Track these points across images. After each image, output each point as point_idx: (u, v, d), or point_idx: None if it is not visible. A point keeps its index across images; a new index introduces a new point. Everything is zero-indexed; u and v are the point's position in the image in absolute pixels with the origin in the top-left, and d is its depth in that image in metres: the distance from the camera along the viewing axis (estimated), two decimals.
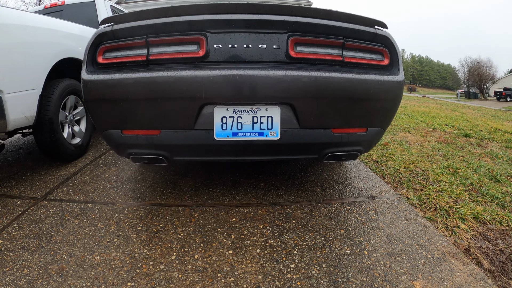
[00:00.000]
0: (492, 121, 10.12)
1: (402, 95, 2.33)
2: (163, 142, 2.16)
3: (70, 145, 3.71)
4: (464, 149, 5.07)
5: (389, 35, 2.21)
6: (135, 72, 2.01)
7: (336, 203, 2.75)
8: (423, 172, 3.66)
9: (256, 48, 2.05)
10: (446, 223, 2.54)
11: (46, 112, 3.28)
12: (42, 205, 2.69)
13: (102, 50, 2.11)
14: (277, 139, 2.11)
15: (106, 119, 2.20)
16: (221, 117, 2.07)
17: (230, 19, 2.01)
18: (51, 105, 3.33)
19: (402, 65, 2.30)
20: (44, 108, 3.27)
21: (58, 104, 3.45)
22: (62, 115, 3.59)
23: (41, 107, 3.24)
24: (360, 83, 2.08)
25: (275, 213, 2.55)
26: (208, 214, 2.54)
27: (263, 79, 1.97)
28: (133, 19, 2.04)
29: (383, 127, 2.39)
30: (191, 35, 2.04)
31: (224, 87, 1.97)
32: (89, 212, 2.57)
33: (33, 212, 2.58)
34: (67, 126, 3.76)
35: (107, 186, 3.07)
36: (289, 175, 3.38)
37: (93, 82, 2.05)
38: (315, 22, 2.06)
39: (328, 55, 2.12)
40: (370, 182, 3.27)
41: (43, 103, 3.26)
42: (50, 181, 3.22)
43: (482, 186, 3.32)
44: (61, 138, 3.50)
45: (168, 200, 2.78)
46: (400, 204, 2.79)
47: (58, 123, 3.45)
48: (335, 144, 2.26)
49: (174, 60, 2.06)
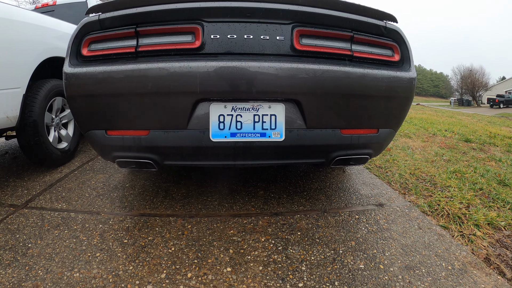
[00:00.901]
0: (489, 127, 10.14)
1: (414, 93, 2.17)
2: (152, 144, 1.95)
3: (56, 150, 3.52)
4: (467, 154, 5.02)
5: (399, 30, 2.07)
6: (121, 64, 1.82)
7: (343, 212, 2.55)
8: (430, 178, 3.53)
9: (257, 39, 1.86)
10: (461, 230, 2.41)
11: (30, 113, 3.10)
12: (21, 214, 2.51)
13: (88, 41, 1.92)
14: (281, 140, 1.91)
15: (89, 118, 2.00)
16: (218, 115, 1.87)
17: (229, 6, 1.83)
18: (36, 106, 3.16)
19: (413, 61, 2.16)
20: (28, 109, 3.10)
21: (43, 106, 3.28)
22: (48, 117, 3.42)
23: (25, 108, 3.07)
24: (372, 79, 1.92)
25: (278, 224, 2.33)
26: (202, 225, 2.32)
27: (265, 72, 1.77)
28: (122, 7, 1.85)
29: (395, 128, 2.22)
30: (185, 24, 1.85)
31: (221, 80, 1.76)
32: (71, 222, 2.37)
33: (11, 221, 2.40)
34: (53, 129, 3.58)
35: (93, 194, 2.87)
36: (290, 182, 3.17)
37: (75, 76, 1.85)
38: (322, 12, 1.89)
39: (336, 48, 1.95)
40: (377, 189, 3.09)
41: (27, 104, 3.09)
42: (33, 188, 3.02)
43: (492, 191, 3.22)
44: (46, 142, 3.31)
45: (159, 209, 2.56)
46: (412, 212, 2.61)
47: (43, 126, 3.27)
48: (344, 147, 2.08)
49: (166, 51, 1.86)
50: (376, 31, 2.02)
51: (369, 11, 1.98)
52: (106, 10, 1.87)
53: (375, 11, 1.99)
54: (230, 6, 1.82)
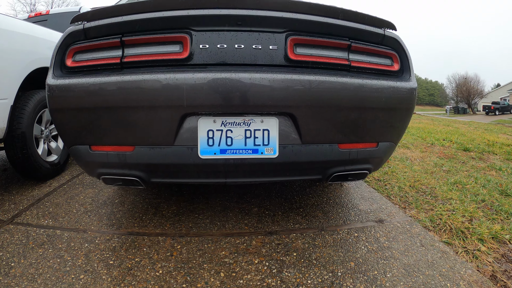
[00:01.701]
0: (487, 134, 10.11)
1: (415, 104, 2.07)
2: (137, 161, 1.85)
3: (45, 163, 3.42)
4: (467, 164, 4.98)
5: (399, 38, 1.98)
6: (105, 76, 1.72)
7: (341, 230, 2.43)
8: (431, 190, 3.44)
9: (249, 49, 1.76)
10: (465, 246, 2.32)
11: (18, 125, 3.01)
12: (6, 230, 2.41)
13: (72, 52, 1.84)
14: (274, 157, 1.79)
15: (72, 132, 1.90)
16: (206, 131, 1.76)
17: (219, 14, 1.73)
18: (25, 118, 3.07)
19: (413, 71, 2.07)
20: (16, 120, 3.01)
21: (32, 117, 3.19)
22: (37, 129, 3.32)
23: (12, 120, 2.97)
24: (371, 90, 1.82)
25: (272, 244, 2.20)
26: (193, 245, 2.19)
27: (257, 84, 1.67)
28: (107, 16, 1.77)
29: (395, 141, 2.12)
30: (172, 34, 1.76)
31: (210, 93, 1.65)
32: (57, 240, 2.26)
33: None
34: (43, 141, 3.49)
35: (81, 210, 2.76)
36: (285, 198, 3.04)
37: (58, 88, 1.76)
38: (318, 20, 1.80)
39: (332, 58, 1.85)
40: (376, 204, 2.98)
41: (15, 115, 3.00)
42: (20, 202, 2.92)
43: (494, 202, 3.16)
44: (34, 154, 3.22)
45: (148, 228, 2.44)
46: (413, 228, 2.51)
47: (32, 138, 3.18)
48: (342, 162, 1.97)
49: (152, 62, 1.77)
50: (375, 39, 1.93)
51: (367, 18, 1.89)
52: (91, 18, 1.79)
53: (374, 19, 1.91)
54: (219, 14, 1.73)
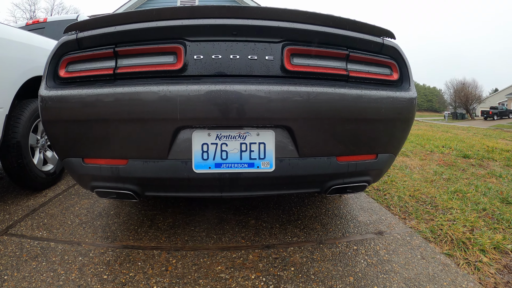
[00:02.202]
0: (486, 140, 10.09)
1: (415, 114, 2.04)
2: (131, 175, 1.81)
3: (41, 172, 3.40)
4: (467, 171, 4.96)
5: (398, 47, 1.96)
6: (97, 87, 1.69)
7: (340, 243, 2.38)
8: (431, 200, 3.40)
9: (245, 60, 1.73)
10: (467, 257, 2.27)
11: (13, 134, 3.00)
12: (0, 241, 2.38)
13: (65, 62, 1.81)
14: (271, 171, 1.75)
15: (65, 144, 1.87)
16: (201, 144, 1.72)
17: (214, 24, 1.71)
18: (20, 127, 3.05)
19: (413, 80, 2.03)
20: (11, 130, 2.99)
21: (28, 126, 3.18)
22: (32, 138, 3.30)
23: (8, 129, 2.96)
24: (370, 101, 1.78)
25: (269, 258, 2.15)
26: (188, 260, 2.14)
27: (253, 96, 1.63)
28: (100, 25, 1.74)
29: (395, 152, 2.08)
30: (166, 44, 1.73)
31: (204, 106, 1.62)
32: (50, 253, 2.22)
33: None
34: (38, 151, 3.46)
35: (75, 222, 2.72)
36: (283, 209, 2.99)
37: (50, 99, 1.73)
38: (315, 29, 1.77)
39: (330, 68, 1.82)
40: (376, 215, 2.94)
41: (10, 124, 2.98)
42: (15, 212, 2.89)
43: (495, 211, 3.13)
44: (30, 164, 3.20)
45: (142, 241, 2.40)
46: (413, 239, 2.46)
47: (27, 147, 3.17)
48: (340, 175, 1.92)
49: (145, 74, 1.74)
50: (373, 49, 1.91)
51: (366, 27, 1.87)
52: (84, 28, 1.76)
53: (372, 27, 1.88)
54: (214, 24, 1.71)
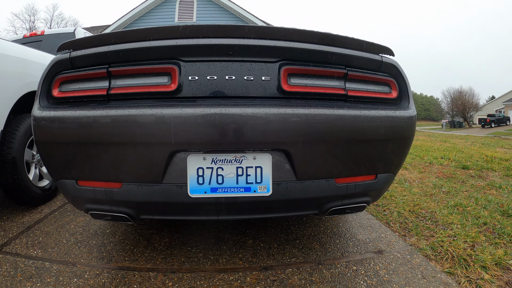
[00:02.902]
0: (484, 149, 10.09)
1: (414, 132, 2.01)
2: (125, 198, 1.78)
3: (36, 188, 3.37)
4: (466, 183, 4.94)
5: (397, 64, 1.93)
6: (90, 109, 1.67)
7: (339, 263, 2.34)
8: (431, 215, 3.37)
9: (241, 81, 1.71)
10: (468, 275, 2.25)
11: (9, 150, 2.99)
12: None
13: (59, 81, 1.79)
14: (268, 195, 1.71)
15: (59, 166, 1.84)
16: (196, 168, 1.69)
17: (208, 44, 1.68)
18: (15, 143, 3.05)
19: (412, 97, 2.01)
20: (6, 145, 2.98)
21: (23, 142, 3.16)
22: (28, 154, 3.29)
23: (3, 144, 2.95)
24: (368, 121, 1.75)
25: (267, 281, 2.10)
26: (184, 282, 2.09)
27: (250, 120, 1.61)
28: (93, 44, 1.72)
29: (394, 171, 2.05)
30: (160, 65, 1.70)
31: (200, 130, 1.59)
32: (45, 273, 2.18)
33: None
34: (34, 166, 3.44)
35: (71, 240, 2.68)
36: (281, 228, 2.95)
37: (43, 120, 1.71)
38: (313, 48, 1.74)
39: (328, 88, 1.80)
40: (375, 232, 2.90)
41: (5, 140, 2.98)
42: (10, 229, 2.86)
43: (496, 225, 3.11)
44: (25, 180, 3.17)
45: (138, 262, 2.36)
46: (413, 258, 2.43)
47: (22, 163, 3.15)
48: (339, 197, 1.89)
49: (140, 95, 1.71)
50: (372, 66, 1.88)
51: (364, 44, 1.85)
52: (77, 47, 1.74)
53: (371, 44, 1.86)
54: (209, 43, 1.68)
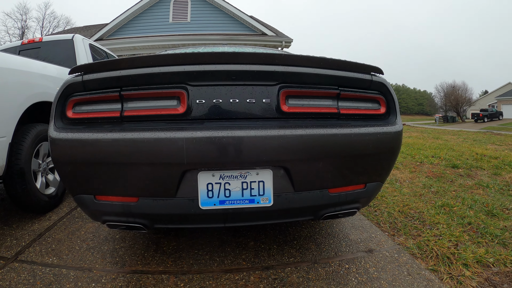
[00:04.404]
0: (475, 146, 10.28)
1: (401, 144, 2.19)
2: (141, 211, 1.93)
3: (44, 196, 3.47)
4: (455, 182, 5.12)
5: (385, 81, 2.10)
6: (107, 131, 1.79)
7: (333, 262, 2.55)
8: (419, 215, 3.57)
9: (243, 103, 1.86)
10: (450, 272, 2.44)
11: (16, 161, 3.07)
12: (12, 268, 2.44)
13: (72, 103, 1.89)
14: (269, 205, 1.91)
15: (77, 183, 1.96)
16: (206, 184, 1.86)
17: (214, 70, 1.82)
18: (23, 154, 3.12)
19: (399, 112, 2.19)
20: (14, 156, 3.06)
21: (30, 152, 3.25)
22: (34, 163, 3.38)
23: (11, 156, 3.02)
24: (359, 138, 1.93)
25: (269, 279, 2.30)
26: (195, 283, 2.26)
27: (253, 141, 1.77)
28: (105, 69, 1.83)
29: (382, 180, 2.24)
30: (170, 89, 1.84)
31: (209, 152, 1.76)
32: (64, 280, 2.29)
33: (2, 276, 2.33)
34: (40, 175, 3.53)
35: (83, 247, 2.80)
36: (279, 230, 3.15)
37: (61, 141, 1.82)
38: (308, 71, 1.91)
39: (323, 107, 1.97)
40: (366, 233, 3.11)
41: (13, 152, 3.05)
42: (22, 237, 2.96)
43: (480, 224, 3.30)
44: (33, 189, 3.27)
45: (150, 266, 2.50)
46: (401, 256, 2.64)
47: (30, 173, 3.24)
48: (332, 205, 2.08)
49: (151, 117, 1.85)
50: (363, 85, 2.04)
51: (356, 66, 1.99)
52: (89, 71, 1.85)
53: (361, 66, 2.01)
54: (215, 70, 1.82)
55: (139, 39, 15.85)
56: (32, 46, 5.41)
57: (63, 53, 5.22)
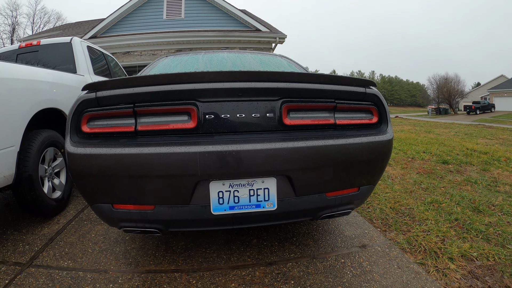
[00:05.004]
0: (466, 141, 10.45)
1: (391, 150, 2.38)
2: (158, 217, 2.08)
3: (51, 200, 3.52)
4: (445, 178, 5.27)
5: (378, 93, 2.26)
6: (125, 146, 1.90)
7: (330, 257, 2.77)
8: (409, 211, 3.76)
9: (249, 117, 2.02)
10: (436, 265, 2.63)
11: (25, 168, 3.11)
12: (29, 273, 2.51)
13: (86, 118, 1.98)
14: (274, 209, 2.10)
15: (95, 193, 2.08)
16: (217, 192, 2.02)
17: (222, 88, 1.96)
18: (30, 161, 3.17)
19: (390, 121, 2.36)
20: (22, 164, 3.10)
21: (37, 159, 3.30)
22: (41, 169, 3.43)
23: (19, 164, 3.06)
24: (354, 147, 2.11)
25: (273, 274, 2.51)
26: (206, 280, 2.44)
27: (259, 154, 1.94)
28: (118, 86, 1.94)
29: (374, 183, 2.44)
30: (181, 105, 1.97)
31: (220, 164, 1.92)
32: (82, 282, 2.39)
33: (20, 281, 2.40)
34: (47, 180, 3.59)
35: (96, 249, 2.90)
36: (280, 228, 3.34)
37: (79, 157, 1.91)
38: (308, 87, 2.08)
39: (321, 119, 2.15)
40: (360, 229, 3.32)
41: (21, 159, 3.09)
42: (34, 242, 3.02)
43: (466, 220, 3.48)
44: (42, 194, 3.33)
45: (163, 265, 2.65)
46: (391, 251, 2.85)
47: (38, 179, 3.29)
48: (329, 207, 2.28)
49: (164, 132, 1.98)
50: (357, 97, 2.21)
51: (351, 80, 2.18)
52: (102, 88, 1.94)
53: (357, 80, 2.19)
54: (223, 87, 1.95)
55: (133, 37, 15.78)
56: (31, 50, 5.36)
57: (62, 56, 5.23)
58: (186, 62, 3.78)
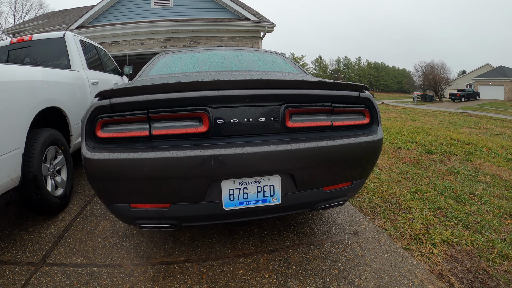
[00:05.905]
0: (450, 130, 10.72)
1: (381, 148, 2.61)
2: (173, 214, 2.24)
3: (55, 198, 3.54)
4: (429, 168, 5.51)
5: (370, 96, 2.47)
6: (141, 150, 2.00)
7: (325, 243, 3.02)
8: (396, 200, 4.01)
9: (256, 121, 2.18)
10: (421, 250, 2.88)
11: (29, 169, 3.10)
12: (44, 272, 2.54)
13: (100, 124, 2.04)
14: (278, 203, 2.31)
15: (112, 195, 2.19)
16: (228, 189, 2.20)
17: (231, 95, 2.10)
18: (34, 161, 3.17)
19: (381, 122, 2.59)
20: (27, 165, 3.09)
21: (40, 159, 3.29)
22: (45, 169, 3.45)
23: (24, 165, 3.06)
24: (348, 147, 2.33)
25: (275, 260, 2.72)
26: (216, 268, 2.61)
27: (266, 155, 2.11)
28: (132, 94, 2.01)
29: (365, 177, 2.69)
30: (193, 111, 2.09)
31: (232, 165, 2.09)
32: (98, 277, 2.47)
33: (37, 281, 2.43)
34: (50, 178, 3.60)
35: (106, 245, 2.98)
36: (278, 217, 3.53)
37: (95, 162, 2.00)
38: (308, 93, 2.28)
39: (319, 121, 2.36)
40: (351, 217, 3.56)
41: (25, 161, 3.08)
42: (43, 241, 3.04)
43: (448, 209, 3.72)
44: (46, 193, 3.34)
45: (174, 256, 2.78)
46: (380, 237, 3.11)
47: (42, 179, 3.30)
48: (326, 199, 2.52)
49: (178, 136, 2.10)
50: (351, 100, 2.42)
51: (347, 86, 2.40)
52: (115, 95, 2.01)
53: (352, 85, 2.40)
54: (232, 94, 2.11)
55: (121, 26, 15.49)
56: (22, 45, 5.23)
57: (55, 52, 5.18)
58: (185, 60, 3.97)
